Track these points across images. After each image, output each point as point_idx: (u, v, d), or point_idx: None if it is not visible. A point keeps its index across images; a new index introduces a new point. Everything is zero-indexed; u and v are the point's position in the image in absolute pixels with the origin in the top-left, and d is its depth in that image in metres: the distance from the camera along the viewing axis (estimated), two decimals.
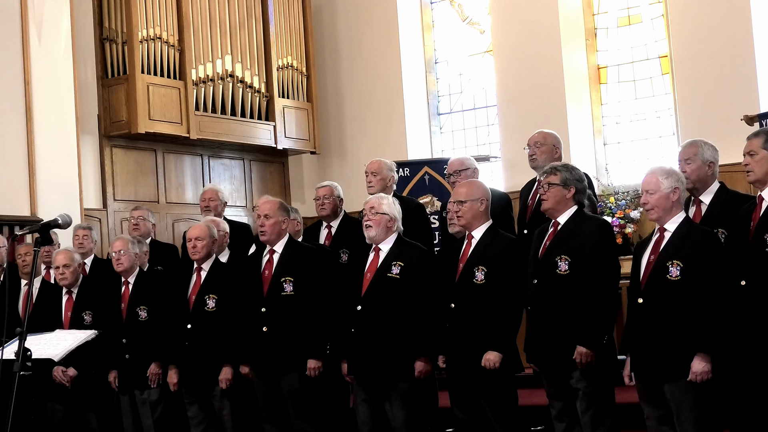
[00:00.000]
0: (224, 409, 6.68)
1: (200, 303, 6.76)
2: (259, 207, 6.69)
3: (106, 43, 10.86)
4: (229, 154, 12.23)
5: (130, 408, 7.14)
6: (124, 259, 7.16)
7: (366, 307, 6.05)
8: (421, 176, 11.06)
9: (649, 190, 5.27)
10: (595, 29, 11.75)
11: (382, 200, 6.24)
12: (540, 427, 6.78)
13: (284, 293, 6.42)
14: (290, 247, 6.56)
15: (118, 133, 10.88)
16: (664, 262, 5.16)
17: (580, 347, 5.46)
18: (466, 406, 5.93)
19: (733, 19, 10.39)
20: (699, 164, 5.61)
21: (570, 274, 5.54)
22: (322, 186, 7.67)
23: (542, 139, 6.95)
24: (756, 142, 5.23)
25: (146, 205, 9.78)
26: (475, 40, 12.64)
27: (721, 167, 5.75)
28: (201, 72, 11.29)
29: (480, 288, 5.80)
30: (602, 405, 5.56)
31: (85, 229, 8.28)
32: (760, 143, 5.21)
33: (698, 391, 5.06)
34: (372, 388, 6.10)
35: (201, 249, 6.81)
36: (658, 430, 5.26)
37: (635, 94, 11.50)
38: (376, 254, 6.18)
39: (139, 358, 7.03)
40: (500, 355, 5.69)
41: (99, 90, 10.89)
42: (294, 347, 6.37)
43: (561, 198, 5.72)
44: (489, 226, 6.00)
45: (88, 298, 7.37)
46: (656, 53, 11.37)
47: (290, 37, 12.41)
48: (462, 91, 12.72)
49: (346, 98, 13.00)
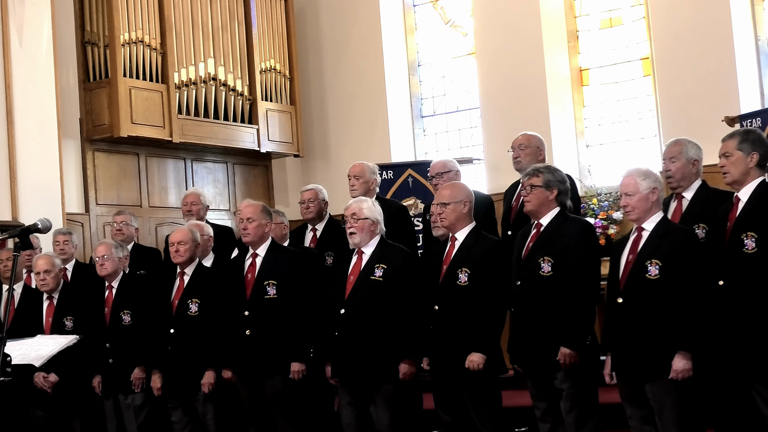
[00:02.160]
0: (208, 413, 6.67)
1: (183, 307, 6.74)
2: (242, 210, 6.69)
3: (88, 46, 10.82)
4: (213, 157, 12.21)
5: (114, 413, 7.11)
6: (108, 263, 7.14)
7: (349, 310, 6.05)
8: (404, 179, 11.06)
9: (628, 192, 5.31)
10: (576, 32, 11.78)
11: (362, 204, 6.24)
12: (524, 428, 6.79)
13: (267, 296, 6.41)
14: (273, 251, 6.56)
15: (100, 136, 10.84)
16: (642, 261, 5.19)
17: (563, 348, 5.48)
18: (451, 408, 5.94)
19: (714, 21, 10.43)
20: (683, 162, 5.65)
21: (553, 275, 5.56)
22: (307, 189, 7.67)
23: (526, 141, 6.97)
24: (730, 143, 5.27)
25: (129, 209, 9.74)
26: (458, 43, 12.66)
27: (704, 168, 5.78)
28: (183, 75, 11.27)
29: (463, 290, 5.81)
30: (586, 405, 5.58)
31: (65, 234, 8.26)
32: (734, 144, 5.25)
33: (679, 391, 5.08)
34: (356, 390, 6.10)
35: (184, 253, 6.80)
36: (641, 429, 5.29)
37: (617, 95, 11.53)
38: (359, 257, 6.18)
39: (122, 362, 7.01)
40: (484, 356, 5.70)
41: (81, 94, 10.84)
42: (278, 351, 6.37)
43: (544, 200, 5.74)
44: (472, 228, 6.02)
45: (69, 303, 7.34)
46: (638, 55, 11.41)
47: (273, 40, 12.41)
48: (445, 93, 12.73)
49: (330, 101, 13.00)
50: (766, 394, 5.01)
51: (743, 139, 5.25)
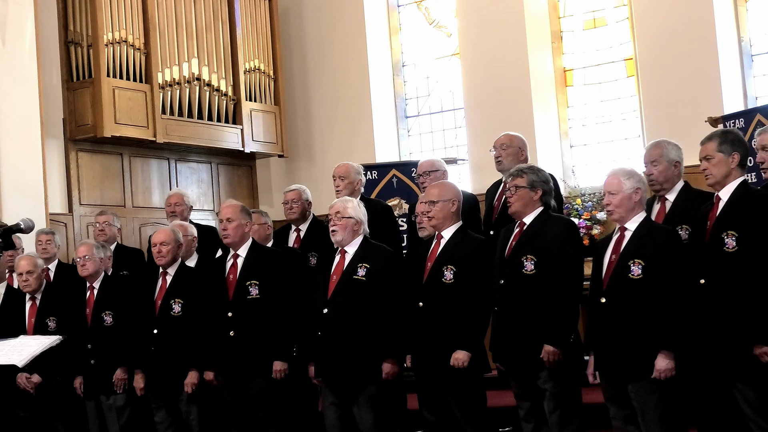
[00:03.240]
0: (191, 413, 6.65)
1: (166, 307, 6.72)
2: (221, 211, 6.68)
3: (71, 46, 10.79)
4: (196, 157, 12.18)
5: (96, 414, 7.09)
6: (89, 264, 7.12)
7: (332, 309, 6.04)
8: (389, 179, 11.05)
9: (611, 191, 5.32)
10: (560, 32, 11.81)
11: (346, 204, 6.25)
12: (508, 428, 6.81)
13: (250, 297, 6.40)
14: (254, 251, 6.55)
15: (83, 136, 10.80)
16: (625, 261, 5.20)
17: (547, 346, 5.49)
18: (435, 408, 5.94)
19: (697, 22, 10.47)
20: (665, 165, 5.64)
21: (536, 273, 5.57)
22: (290, 189, 7.67)
23: (508, 141, 6.97)
24: (710, 146, 5.29)
25: (112, 209, 9.71)
26: (442, 44, 12.68)
27: (686, 168, 5.78)
28: (167, 75, 11.24)
29: (449, 287, 5.81)
30: (569, 405, 5.59)
31: (48, 234, 8.23)
32: (714, 147, 5.27)
33: (662, 390, 5.10)
34: (340, 391, 6.09)
35: (166, 253, 6.78)
36: (624, 429, 5.29)
37: (601, 96, 11.57)
38: (341, 257, 6.18)
39: (104, 363, 6.99)
40: (469, 354, 5.71)
41: (64, 93, 10.82)
42: (261, 351, 6.35)
43: (528, 200, 5.75)
44: (459, 226, 6.03)
45: (52, 303, 7.31)
46: (621, 56, 11.44)
47: (257, 40, 12.39)
48: (429, 93, 12.74)
49: (314, 101, 13.00)
50: (747, 393, 5.03)
51: (723, 140, 5.26)
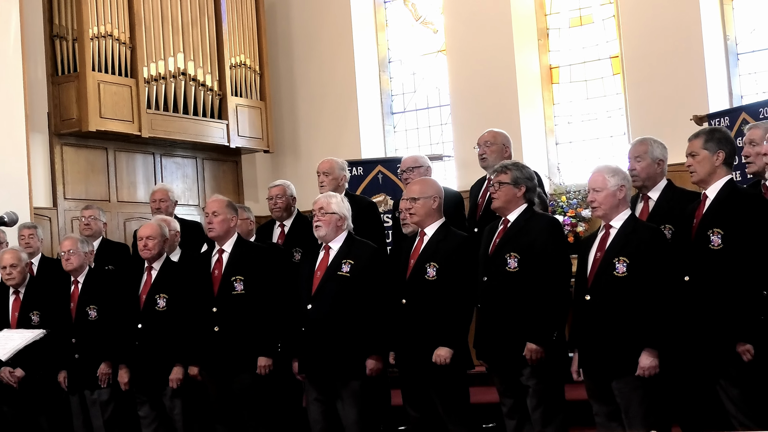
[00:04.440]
0: (175, 408, 6.64)
1: (151, 302, 6.72)
2: (208, 204, 6.67)
3: (57, 40, 10.74)
4: (182, 152, 12.15)
5: (80, 408, 7.08)
6: (74, 258, 7.11)
7: (316, 305, 6.04)
8: (374, 175, 11.05)
9: (596, 188, 5.33)
10: (547, 29, 11.82)
11: (330, 199, 6.24)
12: (492, 425, 6.81)
13: (235, 292, 6.39)
14: (239, 246, 6.55)
15: (68, 131, 10.76)
16: (610, 258, 5.22)
17: (529, 344, 5.49)
18: (418, 404, 5.94)
19: (683, 20, 10.50)
20: (649, 162, 5.66)
21: (519, 271, 5.57)
22: (274, 185, 7.67)
23: (492, 138, 6.99)
24: (696, 143, 5.31)
25: (97, 203, 9.69)
26: (429, 40, 12.68)
27: (671, 166, 5.80)
28: (153, 70, 11.20)
29: (431, 284, 5.81)
30: (552, 402, 5.60)
31: (31, 228, 8.20)
32: (700, 144, 5.29)
33: (646, 387, 5.11)
34: (323, 386, 6.09)
35: (152, 248, 6.77)
36: (607, 426, 5.30)
37: (587, 94, 11.59)
38: (326, 253, 6.17)
39: (88, 357, 6.98)
40: (451, 351, 5.71)
41: (49, 87, 10.76)
42: (246, 347, 6.35)
43: (511, 197, 5.75)
44: (442, 223, 6.02)
45: (35, 297, 7.30)
46: (607, 53, 11.47)
47: (243, 35, 12.36)
48: (415, 90, 12.74)
49: (300, 97, 12.98)
50: (730, 390, 5.05)
51: (709, 138, 5.28)
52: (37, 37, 10.65)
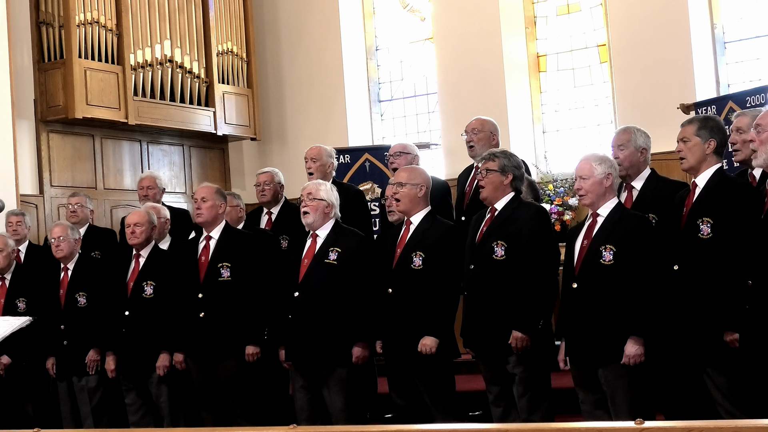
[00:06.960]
0: (161, 395, 6.64)
1: (138, 289, 6.72)
2: (197, 191, 6.68)
3: (43, 26, 10.70)
4: (169, 140, 12.12)
5: (67, 395, 7.07)
6: (64, 245, 7.09)
7: (303, 293, 6.04)
8: (361, 163, 11.05)
9: (583, 176, 5.33)
10: (534, 17, 11.82)
11: (319, 186, 6.24)
12: (478, 412, 6.83)
13: (221, 279, 6.40)
14: (227, 233, 6.55)
15: (54, 118, 10.72)
16: (597, 246, 5.22)
17: (515, 332, 5.50)
18: (404, 392, 5.95)
19: (670, 8, 10.51)
20: (632, 150, 5.66)
21: (506, 259, 5.58)
22: (262, 172, 7.67)
23: (480, 125, 6.99)
24: (689, 128, 5.29)
25: (84, 191, 9.65)
26: (416, 28, 12.67)
27: (657, 155, 5.81)
28: (140, 57, 11.17)
29: (418, 273, 5.82)
30: (538, 390, 5.61)
31: (18, 215, 8.17)
32: (693, 130, 5.27)
33: (632, 375, 5.13)
34: (310, 374, 6.09)
35: (140, 234, 6.77)
36: (593, 414, 5.31)
37: (574, 82, 11.60)
38: (313, 240, 6.17)
39: (77, 344, 6.97)
40: (436, 340, 5.72)
41: (35, 74, 10.73)
42: (231, 333, 6.36)
43: (498, 184, 5.75)
44: (428, 212, 6.03)
45: (21, 284, 7.29)
46: (595, 42, 11.48)
47: (230, 23, 12.33)
48: (403, 78, 12.74)
49: (287, 84, 12.96)
50: (717, 378, 5.06)
51: (702, 125, 5.26)
52: (24, 24, 10.61)
